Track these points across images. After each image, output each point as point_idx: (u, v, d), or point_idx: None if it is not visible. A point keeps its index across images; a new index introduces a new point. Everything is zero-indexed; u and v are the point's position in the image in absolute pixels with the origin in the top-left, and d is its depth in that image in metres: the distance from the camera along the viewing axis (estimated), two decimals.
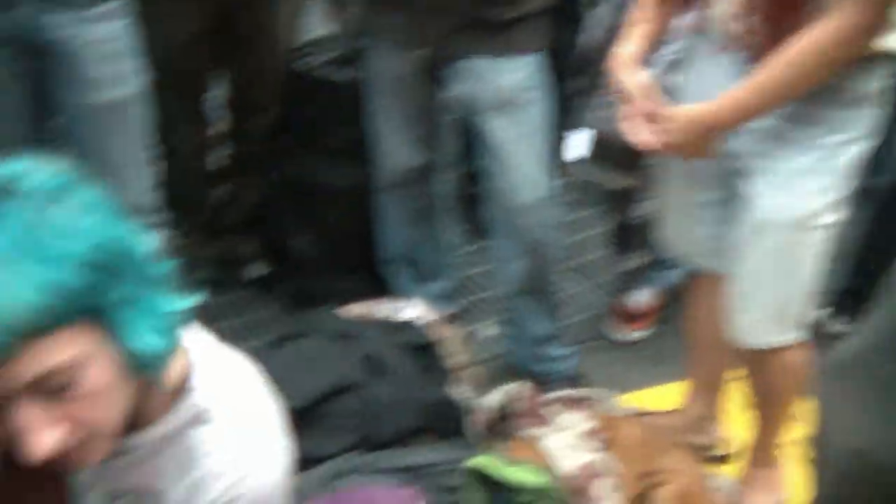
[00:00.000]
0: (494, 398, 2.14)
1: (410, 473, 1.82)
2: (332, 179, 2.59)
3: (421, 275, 2.58)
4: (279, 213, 2.75)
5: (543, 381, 2.33)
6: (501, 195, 2.26)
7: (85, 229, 0.83)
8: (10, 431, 0.86)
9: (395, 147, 2.35)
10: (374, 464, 1.80)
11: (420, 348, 2.02)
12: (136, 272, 0.89)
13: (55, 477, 1.05)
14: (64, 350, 0.83)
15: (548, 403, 2.12)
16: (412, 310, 2.20)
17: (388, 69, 2.23)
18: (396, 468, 1.81)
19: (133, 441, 1.03)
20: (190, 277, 0.98)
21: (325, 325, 2.05)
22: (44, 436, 0.85)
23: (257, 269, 2.85)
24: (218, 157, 2.85)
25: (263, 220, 2.82)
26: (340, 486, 1.72)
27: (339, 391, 1.85)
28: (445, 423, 1.97)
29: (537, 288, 2.38)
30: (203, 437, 1.03)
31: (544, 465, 1.92)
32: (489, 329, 2.74)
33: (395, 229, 2.53)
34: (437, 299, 2.46)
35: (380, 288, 2.54)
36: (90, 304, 0.84)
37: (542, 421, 2.05)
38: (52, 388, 0.84)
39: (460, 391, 2.09)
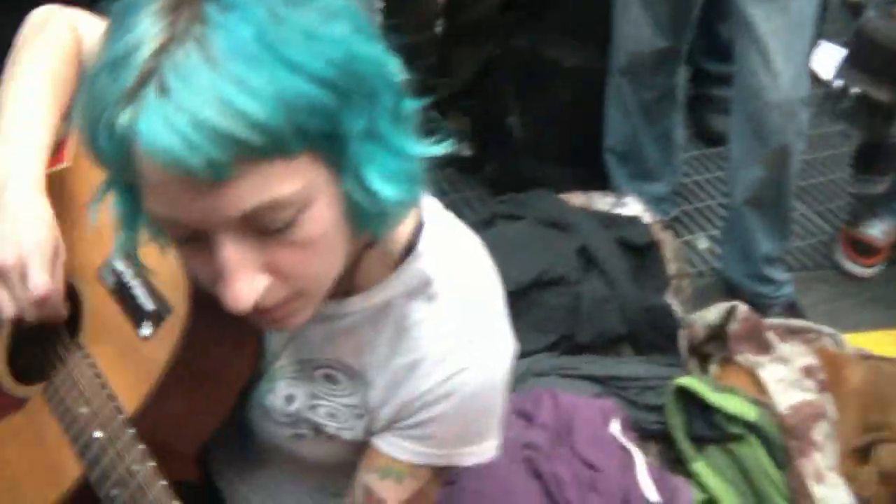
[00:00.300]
0: (709, 315, 1.94)
1: (612, 384, 1.68)
2: (559, 57, 2.39)
3: (641, 173, 2.39)
4: (495, 90, 2.56)
5: (760, 305, 2.13)
6: (757, 91, 2.01)
7: (328, 39, 0.68)
8: (209, 272, 0.74)
9: (639, 25, 2.14)
10: (575, 368, 1.67)
11: (639, 249, 1.85)
12: (380, 102, 0.73)
13: (246, 332, 0.94)
14: (286, 182, 0.68)
15: (768, 329, 1.91)
16: (632, 207, 2.02)
17: None
18: (598, 376, 1.67)
19: (342, 307, 0.91)
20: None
21: (540, 209, 1.90)
22: (248, 282, 0.72)
23: (464, 148, 2.70)
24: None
25: (474, 97, 2.66)
26: (537, 384, 1.60)
27: (548, 282, 1.71)
28: (655, 333, 1.81)
29: (770, 201, 2.15)
30: (424, 314, 0.89)
31: (758, 396, 1.74)
32: (703, 242, 2.55)
33: (621, 119, 2.34)
34: (653, 202, 2.28)
35: (594, 180, 2.37)
36: (323, 129, 0.68)
37: (762, 348, 1.85)
38: (266, 227, 0.71)
39: (672, 303, 1.92)
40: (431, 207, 0.93)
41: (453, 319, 0.89)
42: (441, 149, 0.79)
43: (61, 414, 0.93)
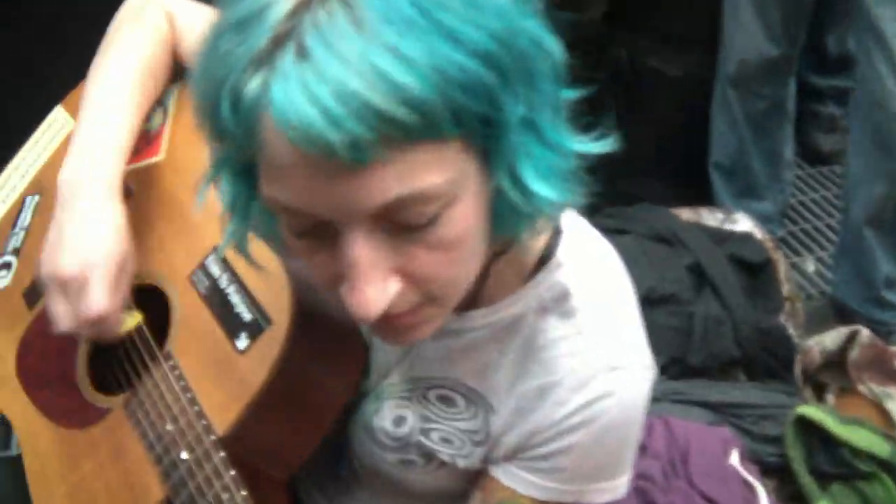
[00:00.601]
0: (826, 340, 1.80)
1: (726, 411, 1.55)
2: (662, 66, 2.28)
3: (747, 190, 2.26)
4: (593, 100, 2.46)
5: (879, 332, 1.97)
6: (882, 100, 1.87)
7: (489, 8, 0.57)
8: (330, 272, 0.65)
9: (750, 32, 2.03)
10: (687, 393, 1.54)
11: (753, 267, 1.72)
12: (540, 87, 0.62)
13: (351, 348, 0.86)
14: (435, 172, 0.58)
15: (894, 357, 1.76)
16: (743, 223, 1.89)
17: None
18: (711, 402, 1.54)
19: (463, 321, 0.81)
20: None
21: (648, 223, 1.78)
22: (380, 286, 0.62)
23: None
24: None
25: None
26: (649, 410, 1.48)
27: (658, 300, 1.59)
28: (770, 358, 1.67)
29: (893, 219, 2.00)
30: (560, 333, 0.78)
31: (887, 430, 1.59)
32: (810, 264, 2.40)
33: (728, 132, 2.22)
34: (759, 221, 2.14)
35: (696, 197, 2.24)
36: (480, 112, 0.58)
37: (888, 377, 1.71)
38: (404, 223, 0.60)
39: (786, 326, 1.78)
40: (566, 213, 0.82)
41: (594, 339, 0.78)
42: (601, 146, 0.68)
43: (144, 430, 0.85)
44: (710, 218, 1.85)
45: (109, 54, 0.99)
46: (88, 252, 0.84)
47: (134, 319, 0.92)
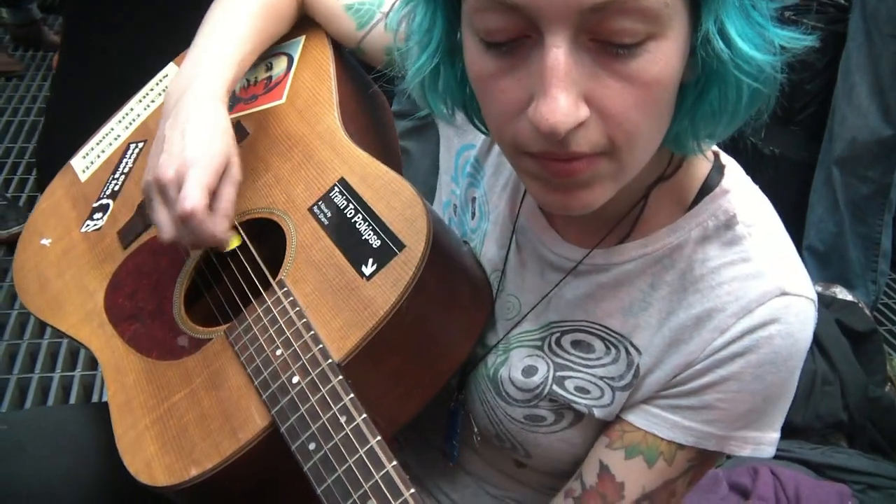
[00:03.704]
0: None
1: (830, 474, 1.45)
2: (762, 144, 2.25)
3: (841, 277, 2.19)
4: None
5: None
6: None
7: None
8: (518, 93, 0.61)
9: (865, 112, 2.01)
10: (788, 450, 1.45)
11: (859, 335, 1.65)
12: None
13: (481, 294, 0.83)
14: None
15: None
16: (844, 295, 1.83)
17: (889, 8, 1.88)
18: (813, 462, 1.45)
19: (613, 254, 0.77)
20: None
21: None
22: (572, 98, 0.59)
23: None
24: None
25: None
26: (746, 463, 1.40)
27: None
28: (875, 428, 1.58)
29: None
30: (722, 260, 0.74)
31: None
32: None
33: (826, 214, 2.18)
34: None
35: None
36: None
37: None
38: (612, 37, 0.58)
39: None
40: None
41: (763, 265, 0.73)
42: (803, 41, 0.64)
43: (249, 357, 0.79)
44: None
45: None
46: (187, 153, 0.82)
47: (236, 240, 0.89)
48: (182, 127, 0.84)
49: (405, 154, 1.90)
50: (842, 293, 1.83)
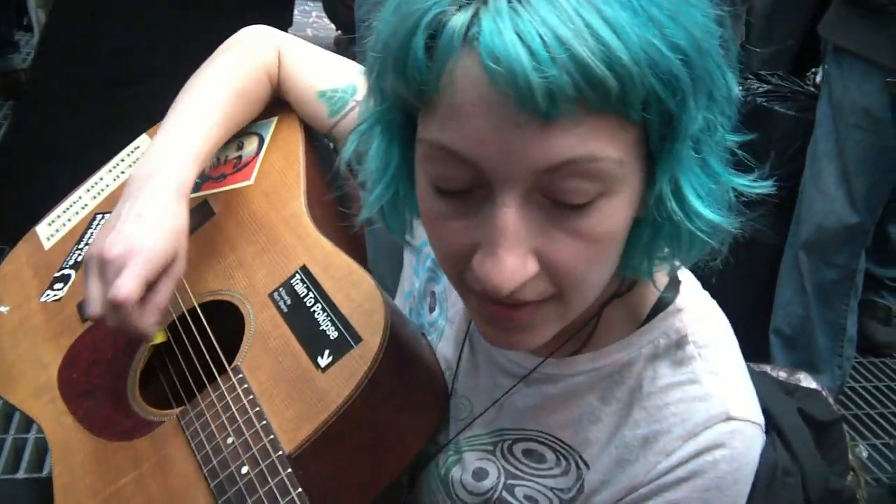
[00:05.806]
0: None
1: None
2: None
3: (806, 362, 2.22)
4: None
5: None
6: None
7: (690, 19, 0.57)
8: (466, 239, 0.62)
9: (832, 199, 2.03)
10: None
11: (823, 425, 1.64)
12: (713, 110, 0.61)
13: (437, 386, 0.84)
14: (610, 145, 0.57)
15: None
16: (808, 382, 1.83)
17: (852, 98, 1.91)
18: None
19: (564, 366, 0.77)
20: None
21: None
22: (520, 258, 0.59)
23: None
24: None
25: None
26: None
27: None
28: None
29: None
30: (670, 380, 0.74)
31: None
32: (863, 451, 2.33)
33: (794, 298, 2.20)
34: None
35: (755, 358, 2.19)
36: (666, 107, 0.57)
37: None
38: (563, 197, 0.58)
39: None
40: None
41: (710, 388, 0.73)
42: (759, 188, 0.67)
43: (200, 443, 0.79)
44: (772, 374, 1.79)
45: (207, 70, 0.99)
46: (137, 241, 0.82)
47: (161, 335, 0.89)
48: (139, 213, 0.84)
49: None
50: (806, 380, 1.82)
